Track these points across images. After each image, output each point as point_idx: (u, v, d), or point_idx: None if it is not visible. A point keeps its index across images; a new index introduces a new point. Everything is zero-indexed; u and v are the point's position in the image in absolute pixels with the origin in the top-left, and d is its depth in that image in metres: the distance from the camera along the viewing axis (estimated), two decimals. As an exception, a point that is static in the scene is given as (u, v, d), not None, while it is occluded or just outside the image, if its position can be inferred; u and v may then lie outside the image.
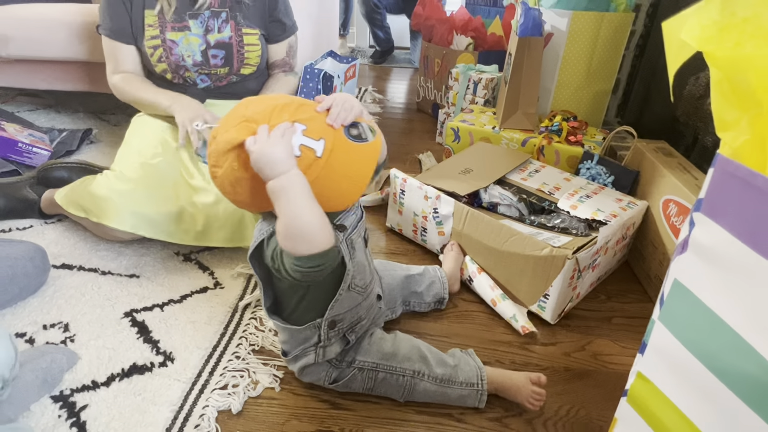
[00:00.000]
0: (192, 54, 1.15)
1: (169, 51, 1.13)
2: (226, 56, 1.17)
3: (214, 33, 1.15)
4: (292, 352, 0.77)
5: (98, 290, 1.00)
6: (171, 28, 1.13)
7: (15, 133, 1.44)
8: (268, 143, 0.58)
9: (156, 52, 1.14)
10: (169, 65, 1.16)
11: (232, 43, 1.16)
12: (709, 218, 0.44)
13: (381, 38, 3.09)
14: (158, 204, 1.03)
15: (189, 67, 1.16)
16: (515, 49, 1.36)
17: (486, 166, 1.22)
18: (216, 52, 1.16)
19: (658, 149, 1.18)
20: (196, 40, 1.14)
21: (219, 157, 0.62)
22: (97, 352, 0.86)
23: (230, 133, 0.60)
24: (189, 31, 1.14)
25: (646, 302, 1.07)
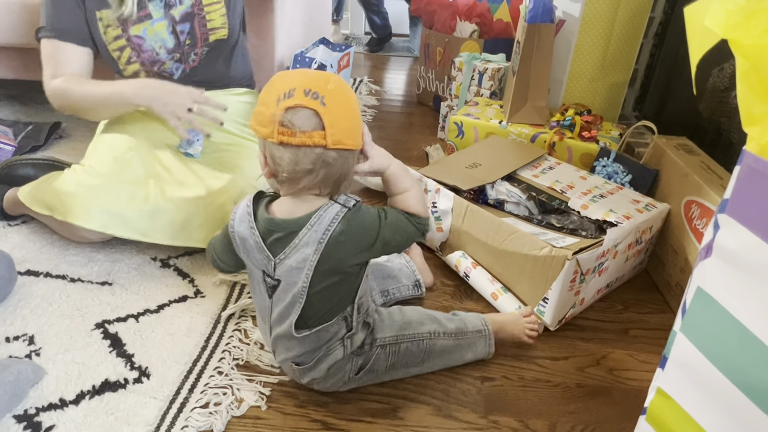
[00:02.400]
0: (162, 42, 1.13)
1: (138, 49, 1.12)
2: (191, 28, 1.15)
3: (176, 6, 1.14)
4: (314, 355, 0.78)
5: (67, 299, 1.00)
6: (132, 22, 1.11)
7: (-25, 126, 1.44)
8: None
9: (123, 54, 1.13)
10: (142, 64, 1.14)
11: (194, 11, 1.15)
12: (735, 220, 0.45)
13: (378, 24, 3.10)
14: (131, 200, 1.02)
15: (164, 59, 1.15)
16: (524, 37, 1.37)
17: (495, 160, 1.23)
18: (182, 27, 1.15)
19: (680, 146, 1.18)
20: (161, 26, 1.13)
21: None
22: (65, 368, 0.85)
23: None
24: (150, 19, 1.12)
25: (666, 312, 1.07)
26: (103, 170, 1.05)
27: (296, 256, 0.73)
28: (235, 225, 0.77)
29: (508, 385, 0.88)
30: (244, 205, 0.77)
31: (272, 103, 0.69)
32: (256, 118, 0.71)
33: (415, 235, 0.78)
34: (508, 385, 0.88)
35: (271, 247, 0.74)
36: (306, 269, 0.72)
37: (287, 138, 0.68)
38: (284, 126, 0.68)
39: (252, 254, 0.76)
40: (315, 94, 0.69)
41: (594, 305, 1.07)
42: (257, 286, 0.79)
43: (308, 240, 0.72)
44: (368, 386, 0.86)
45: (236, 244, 0.78)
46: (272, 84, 0.72)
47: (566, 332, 1.00)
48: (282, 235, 0.73)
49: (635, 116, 1.82)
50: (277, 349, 0.81)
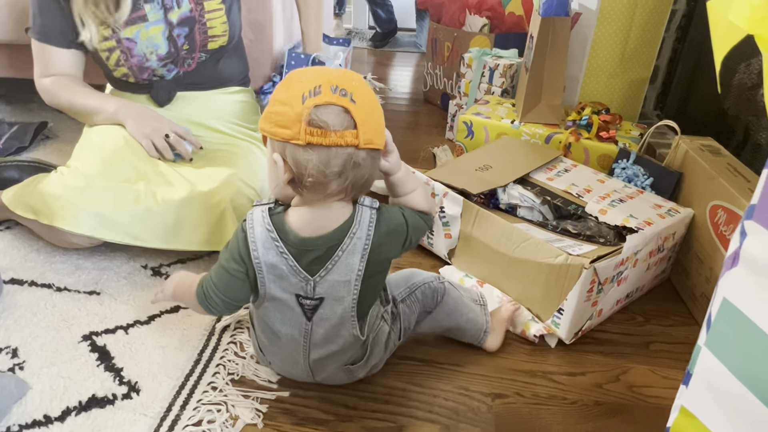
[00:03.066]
0: (155, 48, 1.14)
1: (128, 53, 1.13)
2: (189, 33, 1.17)
3: (174, 10, 1.15)
4: (366, 344, 0.82)
5: (52, 309, 1.00)
6: (125, 23, 1.12)
7: (-42, 126, 1.46)
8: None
9: (112, 56, 1.14)
10: (130, 69, 1.15)
11: (194, 15, 1.16)
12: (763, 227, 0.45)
13: (382, 18, 3.11)
14: (120, 202, 1.03)
15: (154, 66, 1.16)
16: (537, 31, 1.37)
17: (508, 162, 1.23)
18: (180, 31, 1.16)
19: (704, 147, 1.18)
20: (157, 30, 1.14)
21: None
22: (50, 382, 0.86)
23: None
24: (146, 22, 1.13)
25: (690, 325, 1.07)
26: (90, 171, 1.06)
27: (341, 269, 0.73)
28: (260, 254, 0.73)
29: (521, 402, 0.88)
30: (262, 230, 0.73)
31: (296, 102, 0.66)
32: (273, 119, 0.68)
33: (425, 230, 0.84)
34: (521, 403, 0.88)
35: (308, 268, 0.73)
36: (354, 280, 0.74)
37: (318, 138, 0.65)
38: (314, 125, 0.66)
39: (285, 280, 0.74)
40: (343, 90, 0.67)
41: (613, 317, 1.07)
42: (285, 313, 0.77)
43: (352, 250, 0.73)
44: (373, 403, 0.86)
45: (261, 274, 0.74)
46: (291, 82, 0.69)
47: (583, 346, 0.99)
48: (321, 252, 0.73)
49: (657, 115, 1.82)
50: (317, 369, 0.82)
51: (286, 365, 0.84)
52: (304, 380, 0.86)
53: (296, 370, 0.84)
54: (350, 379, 0.86)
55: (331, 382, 0.87)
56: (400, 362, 0.93)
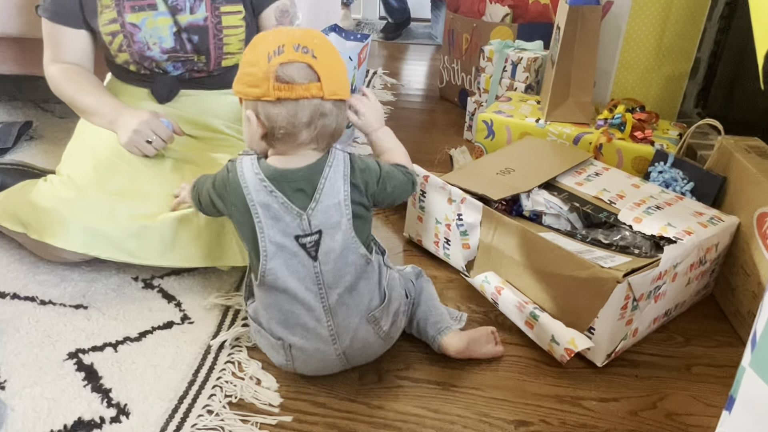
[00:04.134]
0: (159, 40, 1.17)
1: (130, 38, 1.16)
2: (200, 42, 1.19)
3: (185, 13, 1.17)
4: (381, 287, 0.91)
5: (36, 324, 1.02)
6: (131, 8, 1.15)
7: (-63, 126, 1.49)
8: (376, 102, 1.00)
9: (115, 40, 1.17)
10: (131, 55, 1.18)
11: (208, 25, 1.19)
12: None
13: (394, 8, 3.13)
14: (115, 216, 1.05)
15: (156, 57, 1.19)
16: (565, 21, 1.38)
17: (532, 165, 1.24)
18: (189, 36, 1.18)
19: (751, 148, 1.18)
20: (164, 22, 1.16)
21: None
22: (33, 403, 0.87)
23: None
24: (155, 11, 1.16)
25: (736, 346, 1.06)
26: (83, 181, 1.08)
27: (328, 194, 0.85)
28: (254, 196, 0.84)
29: (548, 431, 0.87)
30: (251, 175, 0.85)
31: (263, 61, 0.80)
32: (244, 80, 0.83)
33: (406, 183, 0.95)
34: (548, 431, 0.87)
35: (296, 202, 0.84)
36: (343, 201, 0.86)
37: (285, 93, 0.80)
38: (280, 81, 0.80)
39: (281, 221, 0.84)
40: (305, 48, 0.81)
41: (650, 337, 1.06)
42: (290, 263, 0.85)
43: (334, 175, 0.86)
44: (384, 430, 0.86)
45: (258, 219, 0.84)
46: (257, 44, 0.84)
47: (616, 369, 0.99)
48: (304, 183, 0.85)
49: (697, 113, 1.81)
50: (343, 327, 0.87)
51: (311, 345, 0.87)
52: (333, 365, 0.91)
53: (322, 345, 0.88)
54: (379, 336, 0.91)
55: (363, 355, 0.92)
56: (414, 385, 0.94)
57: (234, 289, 1.13)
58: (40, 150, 1.64)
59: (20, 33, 1.60)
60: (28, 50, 1.69)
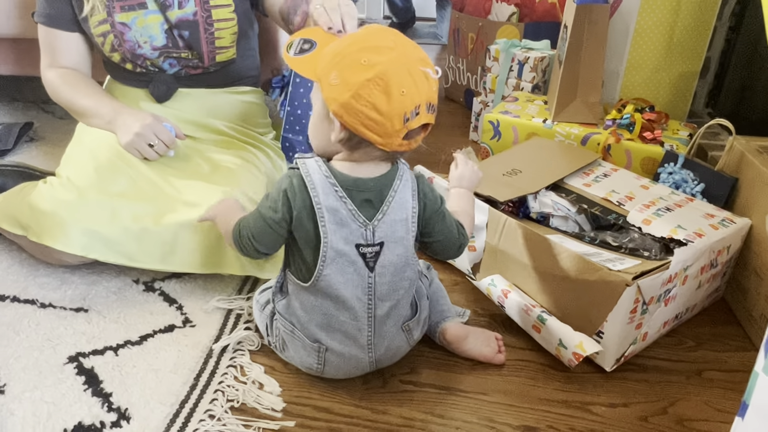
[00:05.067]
0: (150, 39, 1.17)
1: (120, 37, 1.17)
2: (191, 38, 1.19)
3: (173, 9, 1.18)
4: (414, 300, 0.94)
5: (36, 328, 1.02)
6: (120, 8, 1.15)
7: (-63, 128, 1.50)
8: (475, 167, 1.01)
9: (107, 41, 1.18)
10: (123, 54, 1.19)
11: (198, 20, 1.19)
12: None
13: (399, 7, 3.14)
14: (115, 219, 1.05)
15: (148, 55, 1.19)
16: (572, 20, 1.38)
17: (539, 166, 1.23)
18: (181, 32, 1.19)
19: (763, 149, 1.17)
20: (155, 20, 1.16)
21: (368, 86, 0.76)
22: (33, 408, 0.87)
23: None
24: (145, 10, 1.16)
25: (749, 350, 1.06)
26: (83, 183, 1.09)
27: (396, 208, 0.85)
28: (321, 199, 0.82)
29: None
30: (320, 177, 0.82)
31: (397, 120, 0.77)
32: (364, 122, 0.77)
33: (455, 240, 0.91)
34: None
35: (363, 211, 0.83)
36: (411, 217, 0.86)
37: (404, 148, 0.81)
38: (407, 139, 0.80)
39: (346, 227, 0.83)
40: (434, 107, 0.81)
41: (660, 341, 1.06)
42: (346, 271, 0.84)
43: (403, 188, 0.85)
44: (386, 435, 0.86)
45: (323, 222, 0.82)
46: (392, 92, 0.75)
47: (625, 373, 0.99)
48: (373, 194, 0.84)
49: (708, 113, 1.80)
50: (379, 337, 0.89)
51: (347, 351, 0.89)
52: (359, 369, 0.92)
53: (359, 352, 0.89)
54: (409, 344, 0.94)
55: (391, 359, 0.94)
56: (419, 390, 0.94)
57: (236, 292, 1.13)
58: (41, 151, 1.65)
59: (19, 34, 1.61)
60: (27, 51, 1.69)
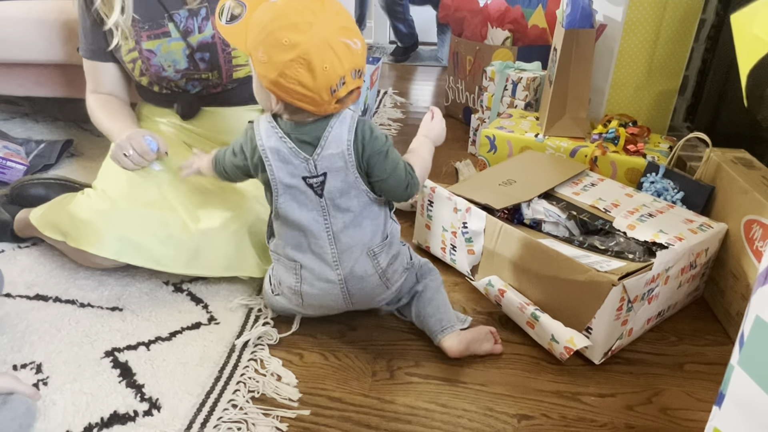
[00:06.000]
0: (173, 63, 1.19)
1: (147, 62, 1.18)
2: (211, 59, 1.21)
3: (194, 34, 1.19)
4: (385, 234, 0.95)
5: (76, 325, 1.03)
6: (147, 36, 1.17)
7: (-13, 145, 1.52)
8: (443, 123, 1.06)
9: (136, 66, 1.20)
10: (150, 77, 1.21)
11: (216, 42, 1.20)
12: (795, 242, 0.44)
13: (403, 33, 3.15)
14: (145, 226, 1.06)
15: (172, 77, 1.21)
16: (561, 44, 1.38)
17: (532, 177, 1.23)
18: (203, 55, 1.20)
19: (738, 160, 1.17)
20: (177, 46, 1.18)
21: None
22: (73, 398, 0.88)
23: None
24: (168, 38, 1.18)
25: (726, 345, 1.05)
26: (116, 194, 1.10)
27: (332, 143, 0.87)
28: (264, 141, 0.88)
29: (549, 424, 0.87)
30: (264, 122, 0.89)
31: (324, 93, 0.80)
32: (293, 95, 0.81)
33: (402, 180, 0.91)
34: (549, 425, 0.87)
35: (304, 149, 0.87)
36: (346, 150, 0.87)
37: (341, 107, 0.85)
38: (340, 102, 0.84)
39: (289, 163, 0.88)
40: (359, 72, 0.83)
41: (644, 336, 1.05)
42: (299, 199, 0.90)
43: (340, 126, 0.87)
44: (395, 423, 0.86)
45: (268, 162, 0.88)
46: (315, 68, 0.78)
47: (613, 366, 0.98)
48: (309, 136, 0.87)
49: (687, 127, 1.80)
50: (345, 256, 0.92)
51: (317, 267, 0.93)
52: (336, 297, 0.95)
53: (325, 269, 0.93)
54: (376, 273, 0.94)
55: (362, 291, 0.95)
56: (423, 381, 0.94)
57: (256, 292, 1.13)
58: (80, 165, 1.67)
59: (62, 60, 1.63)
60: (69, 75, 1.72)
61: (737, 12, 0.41)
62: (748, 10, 0.40)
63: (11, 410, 0.79)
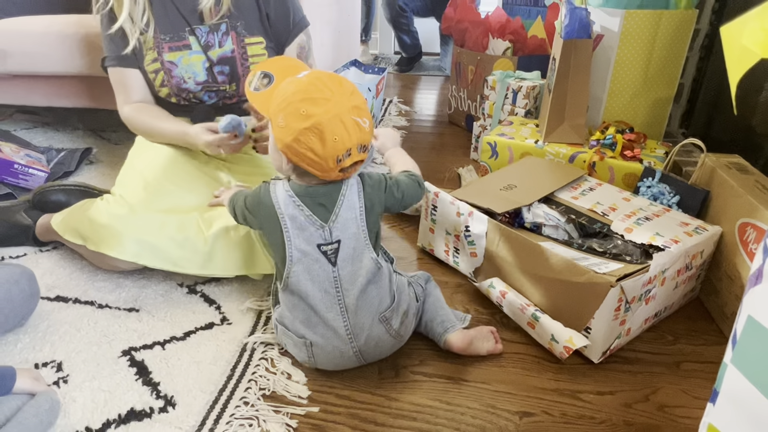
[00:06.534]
0: (193, 75, 1.20)
1: (168, 74, 1.19)
2: (231, 72, 1.22)
3: (215, 48, 1.20)
4: (392, 290, 0.93)
5: (94, 326, 1.04)
6: (168, 48, 1.18)
7: (11, 153, 1.53)
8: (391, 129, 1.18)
9: (158, 77, 1.21)
10: (171, 88, 1.22)
11: (236, 56, 1.21)
12: (785, 244, 0.44)
13: (407, 44, 3.16)
14: (162, 231, 1.07)
15: (192, 89, 1.22)
16: (560, 53, 1.38)
17: (532, 182, 1.23)
18: (222, 68, 1.21)
19: (731, 165, 1.16)
20: (198, 59, 1.19)
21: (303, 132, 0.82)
22: (91, 395, 0.89)
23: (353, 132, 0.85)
24: (189, 50, 1.19)
25: (722, 344, 1.04)
26: (133, 199, 1.11)
27: (346, 208, 0.89)
28: (283, 209, 0.89)
29: (549, 421, 0.87)
30: (281, 190, 0.90)
31: (330, 161, 0.84)
32: (305, 160, 0.84)
33: (413, 185, 0.97)
34: (549, 422, 0.87)
35: (319, 215, 0.89)
36: (359, 215, 0.90)
37: (344, 176, 0.89)
38: (343, 171, 0.87)
39: (305, 230, 0.89)
40: (365, 147, 0.87)
41: (642, 336, 1.05)
42: (312, 269, 0.89)
43: (350, 192, 0.90)
44: (401, 420, 0.86)
45: (286, 228, 0.89)
46: (326, 139, 0.82)
47: (611, 365, 0.98)
48: (325, 198, 0.89)
49: (682, 133, 1.79)
50: (357, 326, 0.89)
51: (329, 343, 0.90)
52: (350, 361, 0.92)
53: (340, 344, 0.90)
54: (390, 335, 0.92)
55: (376, 352, 0.93)
56: (428, 380, 0.94)
57: (266, 294, 1.14)
58: (98, 173, 1.68)
59: (82, 72, 1.65)
60: (88, 87, 1.74)
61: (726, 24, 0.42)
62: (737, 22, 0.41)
63: (35, 406, 0.80)
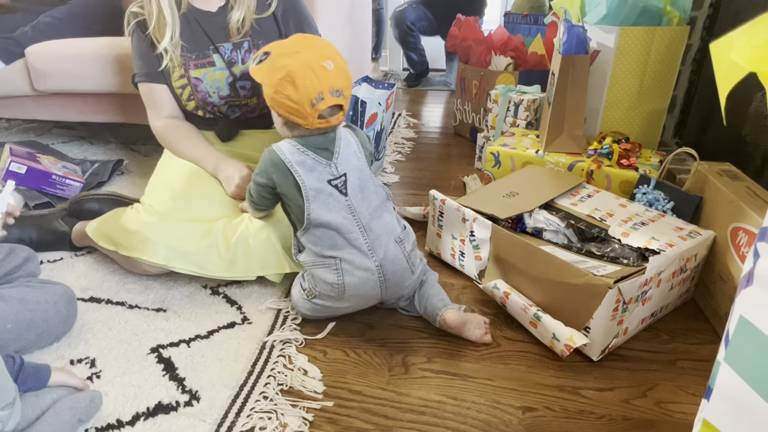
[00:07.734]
0: (217, 90, 1.21)
1: (194, 89, 1.21)
2: (254, 86, 1.23)
3: (238, 65, 1.22)
4: (400, 221, 1.04)
5: (125, 325, 1.05)
6: (194, 65, 1.20)
7: (49, 165, 1.56)
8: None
9: (185, 92, 1.22)
10: (197, 102, 1.23)
11: None
12: (775, 248, 0.44)
13: (415, 61, 3.18)
14: (189, 237, 1.08)
15: (216, 103, 1.23)
16: (559, 68, 1.38)
17: (533, 189, 1.23)
18: (243, 83, 1.23)
19: (723, 172, 1.15)
20: (221, 75, 1.21)
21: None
22: (122, 390, 0.90)
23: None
24: (214, 67, 1.21)
25: (715, 343, 1.03)
26: (161, 208, 1.12)
27: (345, 146, 0.99)
28: (289, 157, 0.96)
29: (551, 416, 0.86)
30: (284, 143, 0.98)
31: (306, 105, 0.91)
32: (286, 110, 0.93)
33: (370, 151, 1.07)
34: (551, 417, 0.86)
35: (322, 155, 0.97)
36: (357, 150, 1.00)
37: (323, 125, 0.96)
38: (320, 119, 0.95)
39: (314, 171, 0.96)
40: (338, 92, 0.93)
41: (639, 335, 1.04)
42: (328, 202, 0.95)
43: (344, 135, 1.00)
44: (410, 414, 0.86)
45: (297, 173, 0.95)
46: (297, 83, 0.90)
47: (610, 363, 0.97)
48: (324, 144, 0.98)
49: (676, 143, 1.78)
50: (377, 245, 0.96)
51: (356, 258, 0.95)
52: (373, 284, 0.96)
53: (363, 259, 0.95)
54: (405, 258, 0.98)
55: (395, 276, 0.97)
56: (435, 376, 0.93)
57: (284, 295, 1.14)
58: (129, 183, 1.71)
59: (115, 90, 1.68)
60: (120, 103, 1.77)
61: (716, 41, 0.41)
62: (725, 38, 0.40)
63: (73, 400, 0.80)
